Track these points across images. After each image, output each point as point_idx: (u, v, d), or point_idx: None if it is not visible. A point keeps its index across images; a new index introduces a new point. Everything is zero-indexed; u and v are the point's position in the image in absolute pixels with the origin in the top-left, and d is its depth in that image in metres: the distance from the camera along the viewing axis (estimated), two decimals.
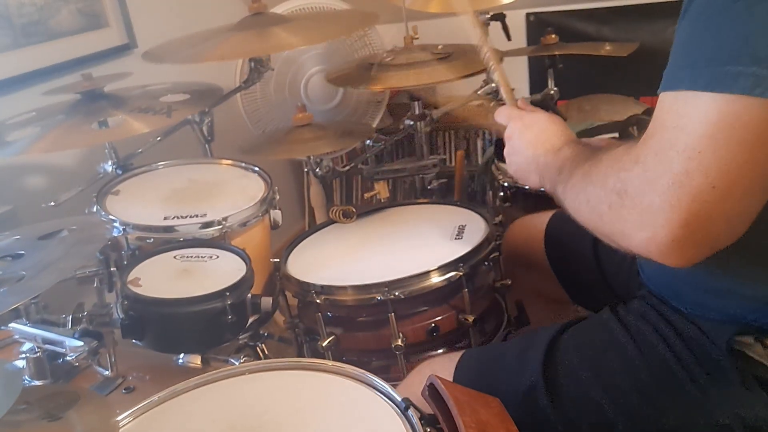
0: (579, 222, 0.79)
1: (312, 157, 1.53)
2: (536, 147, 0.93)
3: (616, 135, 1.61)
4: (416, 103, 1.71)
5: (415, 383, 1.01)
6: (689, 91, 0.62)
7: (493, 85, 1.46)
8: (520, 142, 0.97)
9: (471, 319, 1.18)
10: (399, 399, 0.80)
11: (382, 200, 1.64)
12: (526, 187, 1.42)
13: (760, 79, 0.58)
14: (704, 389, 0.78)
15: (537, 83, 2.32)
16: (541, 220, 1.27)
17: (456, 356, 0.98)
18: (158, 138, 1.60)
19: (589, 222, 0.76)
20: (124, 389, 1.06)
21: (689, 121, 0.61)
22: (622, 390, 0.82)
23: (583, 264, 1.15)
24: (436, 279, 1.15)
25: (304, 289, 1.20)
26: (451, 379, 0.94)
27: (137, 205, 1.36)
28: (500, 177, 1.55)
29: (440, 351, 1.20)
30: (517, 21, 2.32)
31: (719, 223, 0.63)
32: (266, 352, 1.23)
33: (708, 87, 0.60)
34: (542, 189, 0.92)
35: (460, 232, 1.29)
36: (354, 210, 1.41)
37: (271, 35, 1.44)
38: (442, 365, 0.98)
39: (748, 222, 0.63)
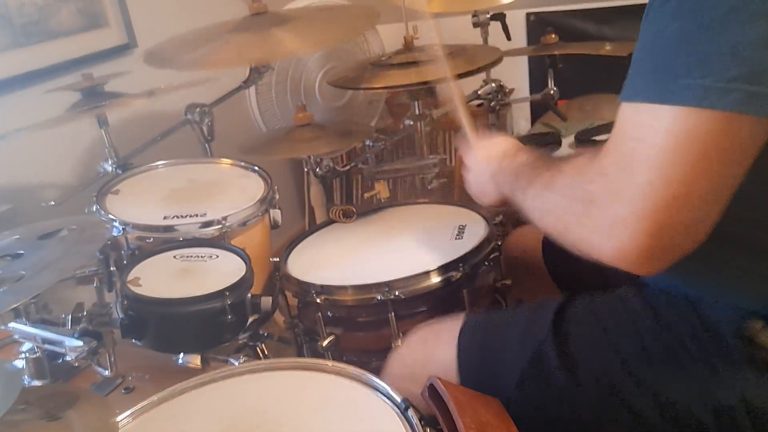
0: (540, 229, 0.81)
1: (312, 157, 1.53)
2: (490, 159, 0.98)
3: None
4: (416, 103, 1.71)
5: (413, 346, 1.03)
6: (647, 103, 0.63)
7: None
8: (475, 160, 1.02)
9: None
10: (399, 399, 0.80)
11: (383, 200, 1.63)
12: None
13: (709, 90, 0.59)
14: (713, 369, 0.78)
15: (537, 83, 2.32)
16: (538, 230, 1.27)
17: (457, 322, 0.98)
18: (158, 137, 1.60)
19: (554, 230, 0.78)
20: (124, 389, 1.06)
21: (649, 133, 0.63)
22: (632, 355, 0.82)
23: (583, 272, 1.14)
24: (436, 279, 1.15)
25: (304, 289, 1.20)
26: (455, 344, 0.95)
27: (137, 205, 1.36)
28: None
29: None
30: (517, 21, 2.32)
31: (681, 232, 0.65)
32: (266, 352, 1.22)
33: (663, 99, 0.62)
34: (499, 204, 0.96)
35: (460, 232, 1.29)
36: (354, 210, 1.41)
37: (272, 39, 1.44)
38: (443, 330, 0.99)
39: (709, 229, 0.65)
